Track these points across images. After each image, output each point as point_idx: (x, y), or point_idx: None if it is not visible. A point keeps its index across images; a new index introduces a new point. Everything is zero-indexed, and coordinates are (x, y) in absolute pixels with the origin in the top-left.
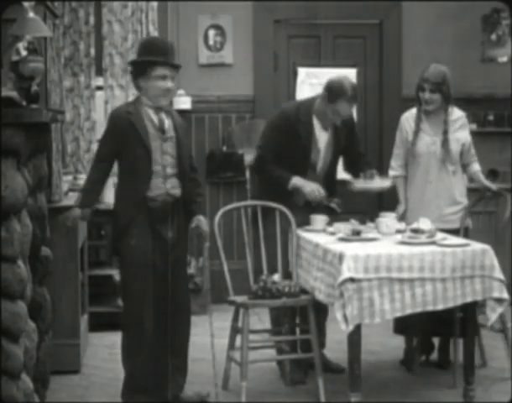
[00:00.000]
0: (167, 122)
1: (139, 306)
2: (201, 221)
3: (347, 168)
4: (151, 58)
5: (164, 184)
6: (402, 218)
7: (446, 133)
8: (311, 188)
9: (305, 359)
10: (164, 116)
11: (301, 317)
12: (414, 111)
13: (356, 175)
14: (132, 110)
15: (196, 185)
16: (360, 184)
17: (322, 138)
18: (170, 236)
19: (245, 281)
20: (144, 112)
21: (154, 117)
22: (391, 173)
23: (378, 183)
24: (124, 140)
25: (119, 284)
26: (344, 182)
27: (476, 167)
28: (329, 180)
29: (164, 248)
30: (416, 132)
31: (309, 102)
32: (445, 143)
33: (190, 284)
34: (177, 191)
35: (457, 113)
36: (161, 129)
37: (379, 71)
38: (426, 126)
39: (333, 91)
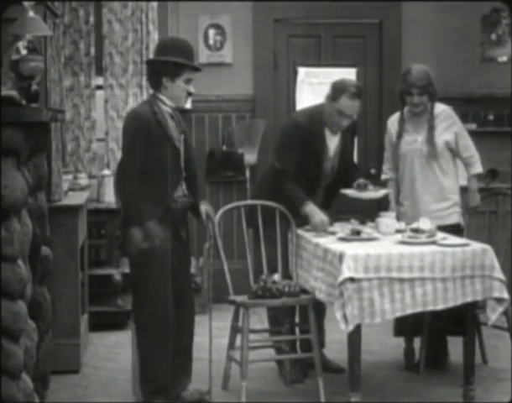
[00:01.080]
0: (181, 124)
1: (163, 306)
2: (206, 207)
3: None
4: (184, 61)
5: (182, 186)
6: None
7: (431, 129)
8: (316, 221)
9: (304, 359)
10: (180, 117)
11: (301, 317)
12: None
13: (347, 184)
14: (157, 110)
15: None
16: (353, 194)
17: (333, 145)
18: (183, 235)
19: (245, 281)
20: (166, 113)
21: (173, 118)
22: (382, 177)
23: (372, 194)
24: (151, 140)
25: (120, 283)
26: None
27: (475, 169)
28: (331, 187)
29: (180, 249)
30: (400, 133)
31: (319, 110)
32: (430, 140)
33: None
34: (189, 193)
35: (439, 108)
36: (180, 131)
37: (379, 71)
38: (409, 126)
39: (335, 88)
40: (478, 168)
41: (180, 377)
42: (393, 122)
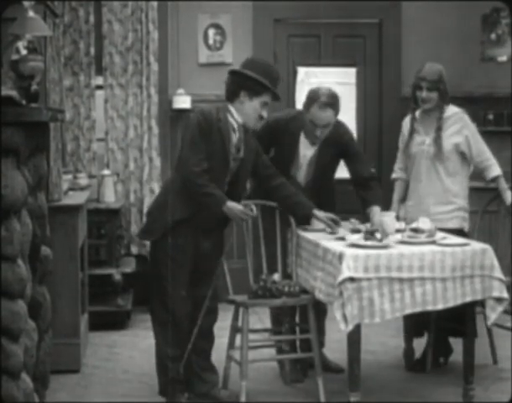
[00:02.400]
0: (242, 142)
1: (184, 304)
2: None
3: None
4: (268, 83)
5: None
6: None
7: (439, 130)
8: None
9: (304, 359)
10: (243, 135)
11: (301, 317)
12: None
13: (359, 196)
14: (222, 117)
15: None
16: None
17: (307, 154)
18: (207, 246)
19: (245, 280)
20: (230, 125)
21: (236, 134)
22: (392, 175)
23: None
24: (207, 142)
25: (119, 282)
26: (343, 181)
27: (492, 172)
28: (323, 194)
29: (199, 256)
30: (411, 133)
31: (301, 115)
32: (436, 140)
33: None
34: None
35: (451, 110)
36: (237, 148)
37: (379, 71)
38: (420, 127)
39: (308, 97)
40: (495, 171)
41: (206, 375)
42: (406, 122)
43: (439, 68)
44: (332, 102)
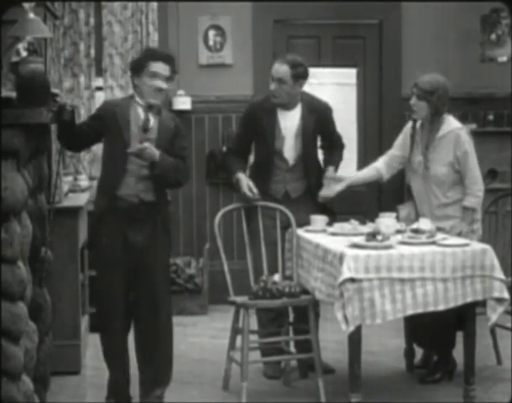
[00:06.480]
0: (152, 123)
1: (108, 306)
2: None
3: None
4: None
5: (136, 185)
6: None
7: (426, 149)
8: (244, 188)
9: (305, 360)
10: (151, 116)
11: (297, 317)
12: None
13: (325, 159)
14: (121, 104)
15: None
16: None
17: (289, 125)
18: (139, 240)
19: (245, 281)
20: (132, 109)
21: (140, 116)
22: (374, 163)
23: None
24: (106, 129)
25: None
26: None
27: (465, 202)
28: (312, 172)
29: (133, 252)
30: (411, 147)
31: None
32: (424, 162)
33: (189, 284)
34: (148, 195)
35: (447, 128)
36: (144, 129)
37: (379, 71)
38: (419, 141)
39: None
40: (468, 201)
41: (151, 387)
42: (408, 127)
43: (438, 80)
44: (291, 60)
